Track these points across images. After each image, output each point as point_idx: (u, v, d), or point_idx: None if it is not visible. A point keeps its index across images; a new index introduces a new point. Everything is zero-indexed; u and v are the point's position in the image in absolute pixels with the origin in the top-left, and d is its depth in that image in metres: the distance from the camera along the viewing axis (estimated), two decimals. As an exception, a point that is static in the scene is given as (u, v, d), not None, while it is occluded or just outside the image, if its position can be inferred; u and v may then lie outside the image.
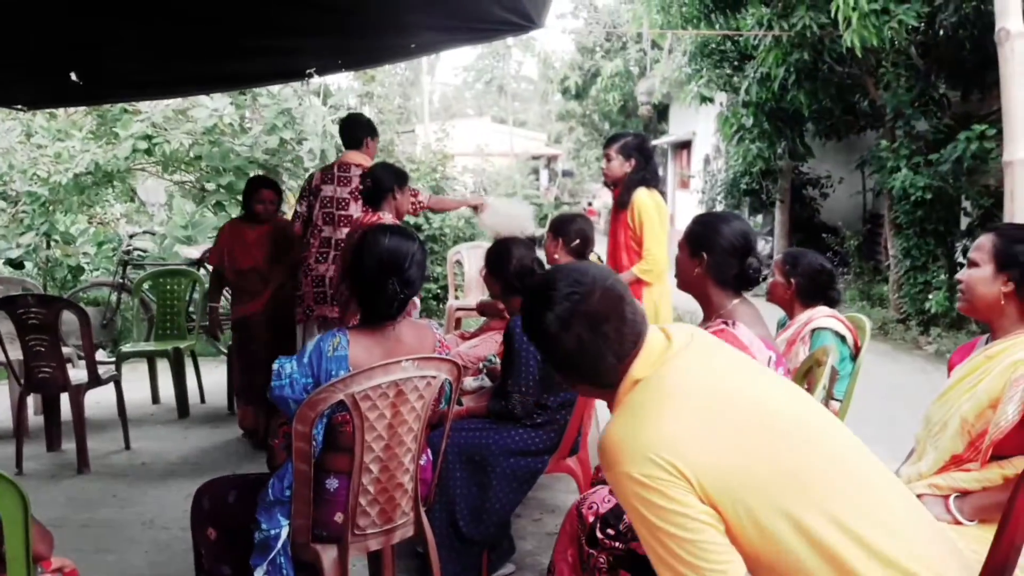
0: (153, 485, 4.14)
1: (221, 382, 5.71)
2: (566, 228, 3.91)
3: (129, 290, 6.87)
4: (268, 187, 4.74)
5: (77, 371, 4.53)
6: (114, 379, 4.61)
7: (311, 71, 5.28)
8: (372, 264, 2.26)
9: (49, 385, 4.34)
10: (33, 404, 4.97)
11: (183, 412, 5.40)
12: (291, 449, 2.14)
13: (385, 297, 2.24)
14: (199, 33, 4.21)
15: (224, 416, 5.42)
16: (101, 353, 6.67)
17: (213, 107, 7.67)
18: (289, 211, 5.66)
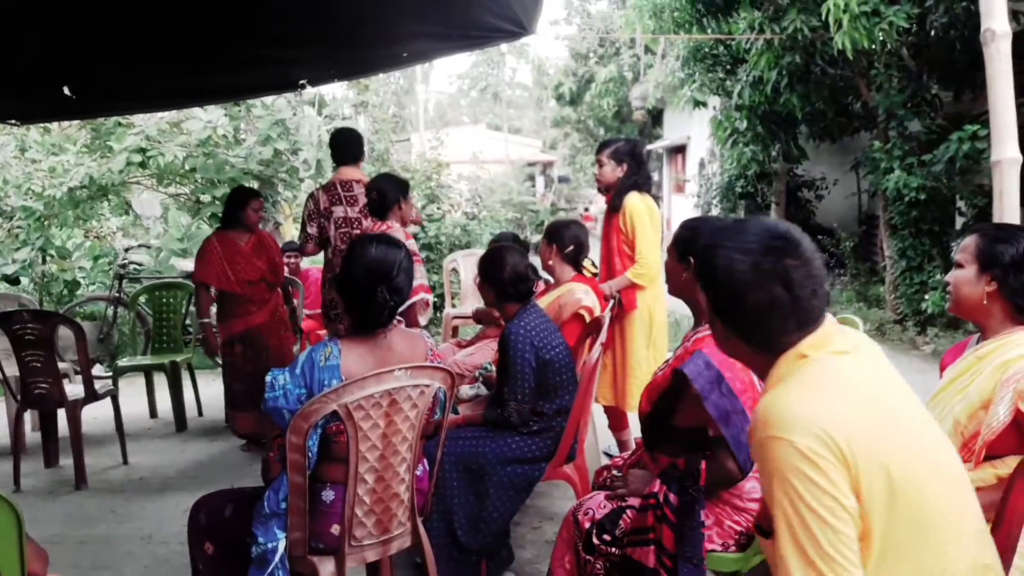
0: (151, 500, 4.13)
1: (218, 395, 5.69)
2: (561, 234, 3.92)
3: (125, 304, 6.87)
4: (258, 196, 4.90)
5: (74, 386, 4.52)
6: (111, 394, 4.60)
7: (303, 82, 5.29)
8: (360, 274, 2.27)
9: (46, 401, 4.33)
10: (30, 420, 4.97)
11: (181, 425, 5.40)
12: (286, 461, 2.15)
13: (375, 306, 2.25)
14: (190, 46, 4.22)
15: (222, 429, 5.41)
16: (98, 368, 6.66)
17: (207, 119, 7.69)
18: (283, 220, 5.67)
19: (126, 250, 7.56)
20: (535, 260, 3.47)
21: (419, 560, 2.65)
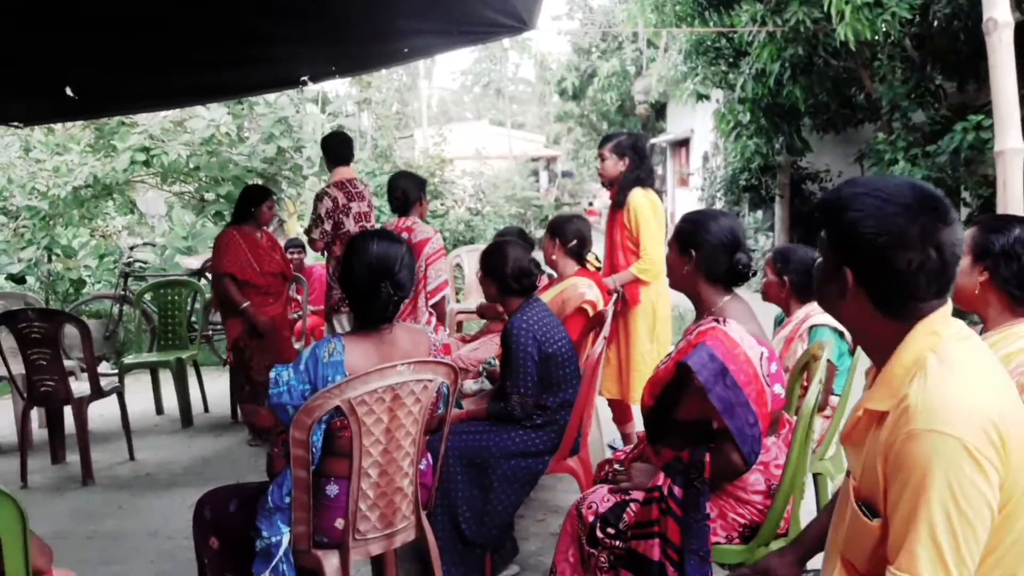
0: (158, 495, 4.16)
1: (224, 391, 5.72)
2: (563, 229, 3.92)
3: (131, 302, 6.89)
4: (272, 195, 5.07)
5: (80, 384, 4.55)
6: (117, 391, 4.62)
7: (305, 78, 5.30)
8: (362, 270, 2.27)
9: (52, 398, 4.36)
10: (37, 417, 5.00)
11: (187, 422, 5.42)
12: (290, 456, 2.16)
13: (379, 302, 2.25)
14: (191, 44, 4.23)
15: (228, 425, 5.44)
16: (104, 365, 6.69)
17: (210, 118, 7.71)
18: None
19: (131, 248, 7.58)
20: (538, 255, 3.47)
21: (424, 554, 2.67)
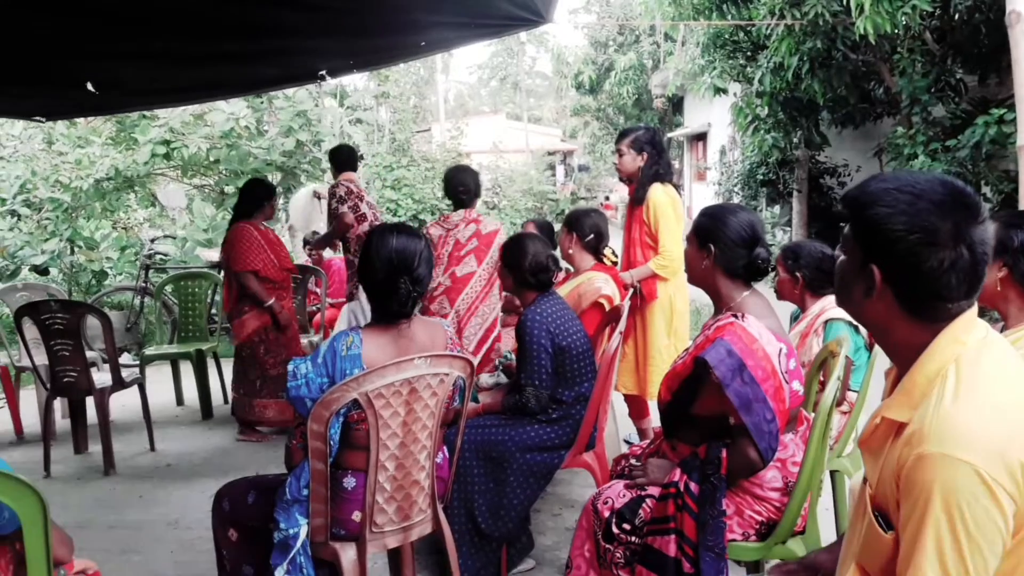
0: (178, 486, 4.21)
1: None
2: (580, 222, 3.92)
3: (151, 294, 6.95)
4: (276, 190, 5.20)
5: (102, 375, 4.60)
6: (138, 382, 4.67)
7: (323, 73, 5.30)
8: (382, 265, 2.28)
9: (74, 389, 4.41)
10: (60, 408, 5.06)
11: (207, 413, 5.47)
12: (308, 449, 2.18)
13: (398, 296, 2.26)
14: (211, 39, 4.25)
15: (246, 417, 5.48)
16: (125, 356, 6.77)
17: (230, 111, 7.76)
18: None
19: (152, 241, 7.65)
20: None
21: (441, 546, 2.69)
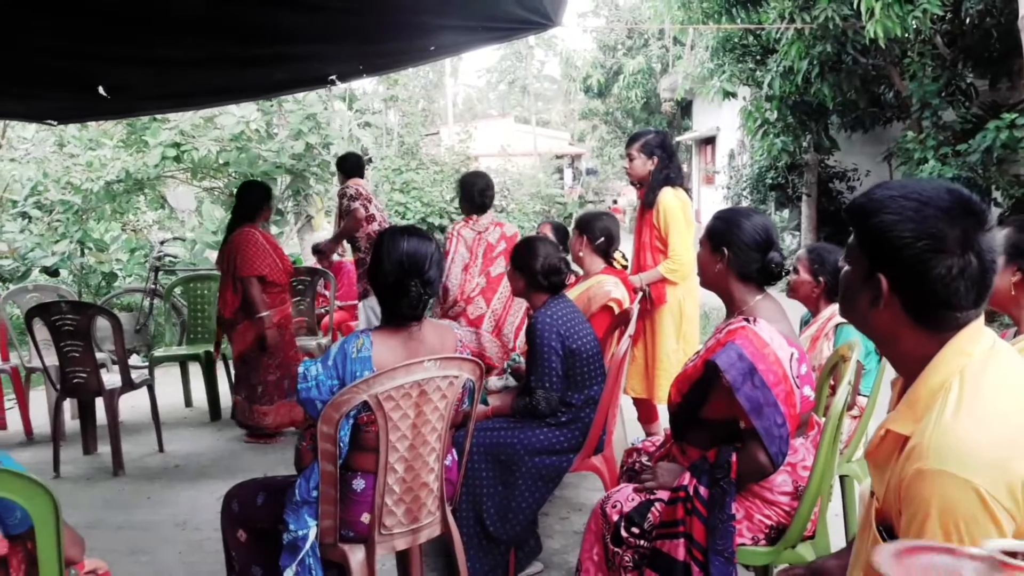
0: (186, 487, 4.22)
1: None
2: (591, 226, 3.92)
3: (161, 295, 6.97)
4: (272, 192, 5.23)
5: (111, 376, 4.62)
6: (147, 383, 4.69)
7: (333, 77, 5.31)
8: (392, 267, 2.28)
9: (84, 390, 4.43)
10: (69, 408, 5.08)
11: (215, 415, 5.48)
12: (317, 450, 2.18)
13: (409, 299, 2.27)
14: (221, 44, 4.27)
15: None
16: (135, 358, 6.79)
17: (240, 114, 7.79)
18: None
19: (161, 243, 7.67)
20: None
21: (449, 549, 2.68)
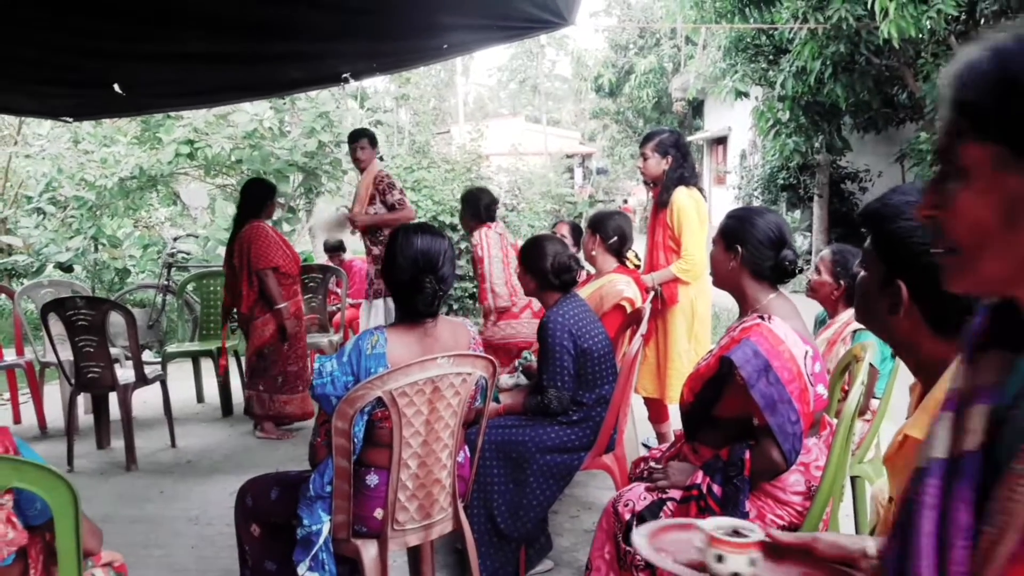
0: (198, 482, 4.24)
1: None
2: (604, 225, 3.91)
3: (174, 292, 7.01)
4: (276, 189, 5.15)
5: (125, 371, 4.65)
6: (160, 379, 4.72)
7: (346, 75, 5.33)
8: (406, 264, 2.30)
9: (98, 385, 4.46)
10: (83, 403, 5.12)
11: (227, 411, 5.51)
12: (331, 446, 2.19)
13: (423, 295, 2.28)
14: (235, 42, 4.29)
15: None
16: (147, 353, 6.83)
17: (253, 112, 7.82)
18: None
19: (175, 239, 7.72)
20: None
21: (459, 546, 2.69)
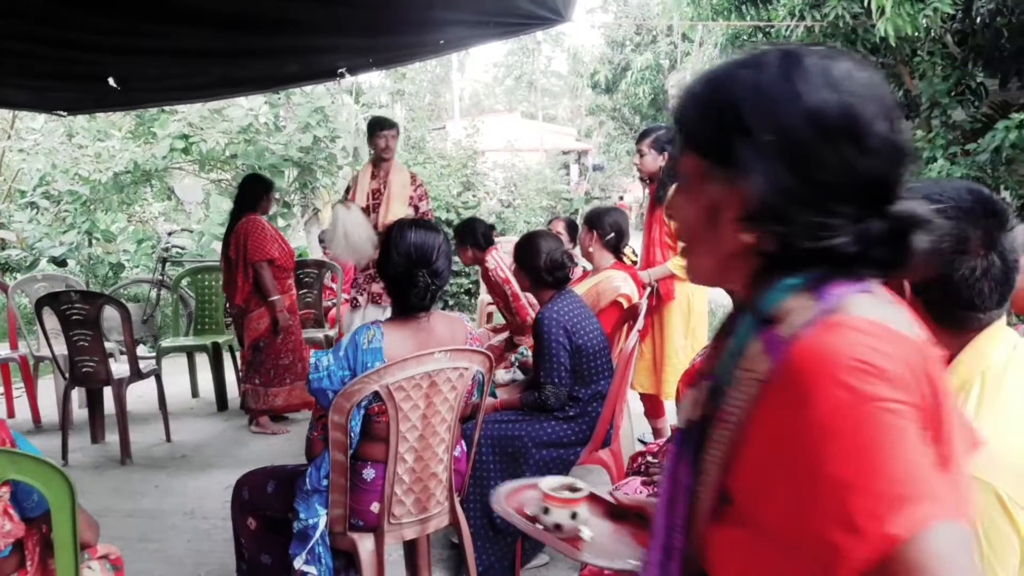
0: (193, 476, 4.24)
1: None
2: (601, 221, 3.92)
3: (168, 286, 7.00)
4: (273, 184, 5.16)
5: (119, 365, 4.64)
6: (155, 373, 4.71)
7: (342, 70, 5.32)
8: (400, 259, 2.30)
9: (93, 379, 4.46)
10: (77, 397, 5.11)
11: (222, 405, 5.51)
12: (328, 440, 2.20)
13: (417, 290, 2.28)
14: (230, 36, 4.28)
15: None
16: (142, 348, 6.82)
17: (248, 106, 7.81)
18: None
19: (169, 234, 7.70)
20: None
21: (456, 540, 2.70)
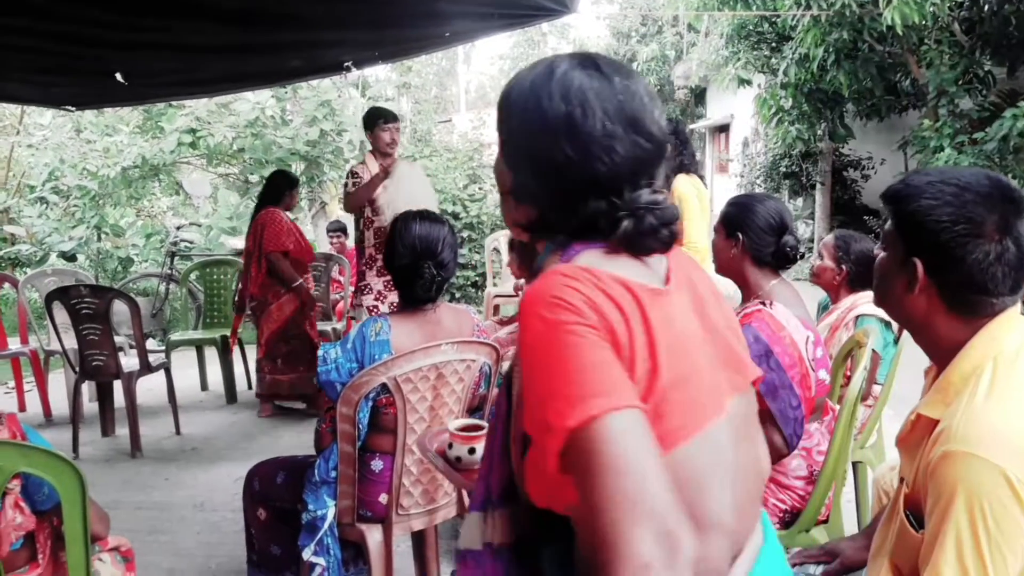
0: (203, 469, 4.27)
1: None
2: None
3: (177, 280, 7.03)
4: (298, 182, 5.23)
5: (129, 359, 4.66)
6: (164, 366, 4.74)
7: (348, 64, 5.31)
8: (406, 251, 2.30)
9: (103, 372, 4.48)
10: (88, 391, 5.14)
11: (231, 398, 5.53)
12: (337, 431, 2.21)
13: (423, 281, 2.29)
14: (236, 31, 4.28)
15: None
16: (151, 342, 6.85)
17: (255, 101, 7.82)
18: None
19: (178, 228, 7.73)
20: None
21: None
